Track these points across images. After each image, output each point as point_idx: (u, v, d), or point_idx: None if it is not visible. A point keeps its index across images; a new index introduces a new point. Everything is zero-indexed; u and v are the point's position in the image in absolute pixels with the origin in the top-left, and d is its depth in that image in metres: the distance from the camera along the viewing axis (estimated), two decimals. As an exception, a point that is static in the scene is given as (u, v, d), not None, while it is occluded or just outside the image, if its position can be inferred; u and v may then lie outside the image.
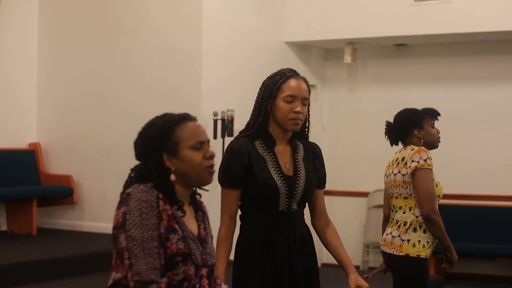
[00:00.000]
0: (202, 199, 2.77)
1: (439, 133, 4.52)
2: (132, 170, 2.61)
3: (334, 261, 4.11)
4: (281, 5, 9.36)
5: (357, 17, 9.01)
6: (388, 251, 4.37)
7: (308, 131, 3.61)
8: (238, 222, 3.50)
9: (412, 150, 4.36)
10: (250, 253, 3.36)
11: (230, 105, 8.22)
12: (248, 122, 3.48)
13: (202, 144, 2.60)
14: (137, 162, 2.64)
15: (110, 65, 8.73)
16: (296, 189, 3.40)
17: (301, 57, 9.64)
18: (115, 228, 2.49)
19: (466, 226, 8.87)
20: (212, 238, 2.72)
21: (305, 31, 9.32)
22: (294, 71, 3.50)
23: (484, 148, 9.09)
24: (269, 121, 3.43)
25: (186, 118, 2.65)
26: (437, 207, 4.36)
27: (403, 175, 4.35)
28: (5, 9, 8.76)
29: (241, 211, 3.49)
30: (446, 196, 4.73)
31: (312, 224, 3.61)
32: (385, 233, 4.45)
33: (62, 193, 8.62)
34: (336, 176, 9.92)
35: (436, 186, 4.37)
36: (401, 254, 4.31)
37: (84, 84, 8.87)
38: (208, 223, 2.73)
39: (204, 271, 2.58)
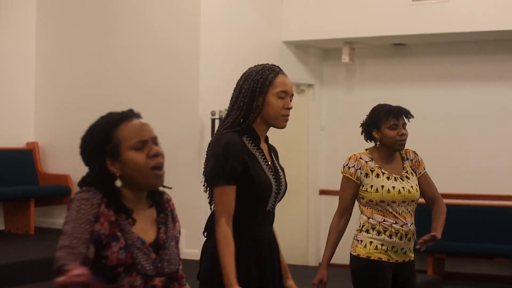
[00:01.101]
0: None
1: (402, 135, 4.28)
2: (81, 179, 2.47)
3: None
4: (279, 5, 9.36)
5: (355, 16, 9.01)
6: (350, 251, 4.39)
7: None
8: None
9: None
10: (239, 255, 3.19)
11: (228, 104, 8.22)
12: (234, 118, 3.31)
13: (144, 143, 2.42)
14: None
15: (109, 64, 8.73)
16: (281, 188, 3.31)
17: (299, 56, 9.64)
18: None
19: (464, 225, 8.87)
20: (177, 241, 2.56)
21: (303, 30, 9.32)
22: (279, 67, 3.40)
23: (482, 148, 9.09)
24: (258, 116, 3.31)
25: (126, 117, 2.47)
26: (394, 213, 4.24)
27: None
28: (3, 9, 8.76)
29: None
30: (444, 196, 4.70)
31: None
32: None
33: (60, 193, 8.61)
34: (334, 176, 9.88)
35: (376, 191, 4.23)
36: (354, 254, 4.32)
37: (82, 84, 8.87)
38: (175, 223, 2.57)
39: (158, 281, 2.42)
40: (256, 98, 3.28)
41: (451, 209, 8.67)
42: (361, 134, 4.49)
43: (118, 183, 2.43)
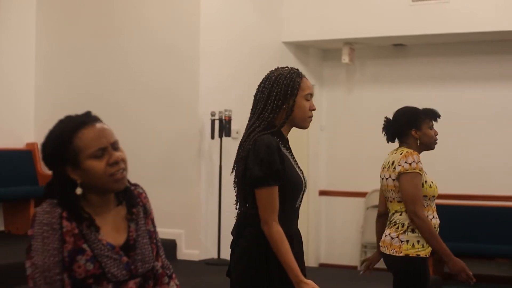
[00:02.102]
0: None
1: (437, 135, 4.50)
2: (45, 186, 2.44)
3: (332, 261, 4.12)
4: (279, 6, 9.36)
5: (355, 17, 9.01)
6: (388, 252, 4.37)
7: None
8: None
9: (401, 154, 4.37)
10: (271, 254, 3.28)
11: (228, 105, 8.22)
12: (267, 120, 3.38)
13: (104, 151, 2.35)
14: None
15: (108, 64, 8.73)
16: (306, 184, 3.47)
17: (299, 57, 9.64)
18: (26, 253, 2.37)
19: (464, 226, 8.87)
20: (151, 235, 2.49)
21: (303, 31, 9.32)
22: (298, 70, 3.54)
23: (482, 148, 9.10)
24: (289, 117, 3.44)
25: (84, 123, 2.39)
26: (433, 207, 4.38)
27: (393, 179, 4.37)
28: (3, 9, 8.75)
29: (254, 210, 3.35)
30: (444, 196, 4.73)
31: None
32: (384, 235, 4.45)
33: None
34: (334, 176, 9.94)
35: (430, 187, 4.35)
36: (400, 255, 4.31)
37: (81, 84, 8.87)
38: (148, 216, 2.51)
39: (132, 284, 2.39)
40: (288, 101, 3.40)
41: (451, 209, 8.75)
42: (385, 134, 4.50)
43: (78, 191, 2.38)
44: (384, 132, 4.54)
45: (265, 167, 3.26)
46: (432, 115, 4.50)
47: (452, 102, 9.15)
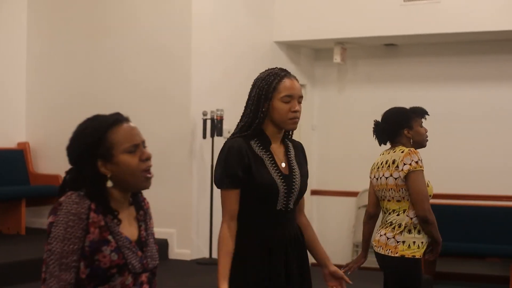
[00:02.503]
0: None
1: (427, 132, 4.54)
2: (66, 173, 2.51)
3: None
4: (271, 6, 9.36)
5: (347, 17, 9.02)
6: (383, 253, 4.37)
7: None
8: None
9: (402, 152, 4.35)
10: (246, 254, 3.32)
11: (220, 105, 8.23)
12: (242, 124, 3.42)
13: (137, 147, 2.49)
14: None
15: (100, 65, 8.72)
16: (293, 188, 3.40)
17: (291, 57, 9.65)
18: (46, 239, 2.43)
19: (455, 225, 8.89)
20: (153, 237, 2.64)
21: (294, 31, 9.33)
22: (286, 70, 3.49)
23: (474, 148, 9.12)
24: (264, 121, 3.42)
25: (118, 120, 2.51)
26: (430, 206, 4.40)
27: (395, 178, 4.34)
28: (-6, 8, 8.75)
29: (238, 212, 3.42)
30: (437, 196, 4.75)
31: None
32: (378, 234, 4.45)
33: (51, 193, 8.59)
34: (325, 176, 9.94)
35: (427, 186, 4.38)
36: (396, 255, 4.31)
37: (73, 84, 8.86)
38: (150, 220, 2.65)
39: (144, 277, 2.52)
40: (262, 104, 3.38)
41: (442, 209, 8.77)
42: (376, 137, 4.51)
43: (109, 184, 2.48)
44: (374, 136, 4.53)
45: (222, 169, 3.33)
46: (421, 113, 4.54)
47: (443, 101, 9.17)
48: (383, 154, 4.52)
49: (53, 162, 8.87)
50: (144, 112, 8.31)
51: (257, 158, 3.36)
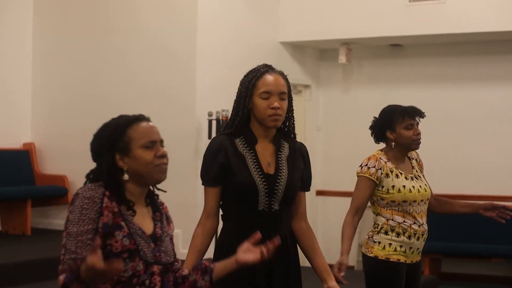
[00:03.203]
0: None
1: (417, 134, 4.35)
2: (89, 172, 2.66)
3: (329, 261, 4.11)
4: (276, 6, 9.36)
5: (352, 17, 9.01)
6: (363, 251, 4.37)
7: (293, 128, 3.51)
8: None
9: (368, 157, 4.37)
10: (226, 255, 3.19)
11: (225, 105, 8.21)
12: (227, 122, 3.44)
13: (154, 144, 2.63)
14: None
15: (105, 65, 8.73)
16: (276, 188, 3.32)
17: (296, 57, 9.65)
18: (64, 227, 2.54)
19: (460, 226, 8.87)
20: (171, 238, 2.73)
21: (299, 31, 9.32)
22: (269, 66, 3.46)
23: (479, 148, 9.10)
24: (250, 119, 3.38)
25: (138, 118, 2.68)
26: (411, 213, 4.27)
27: None
28: (0, 9, 8.76)
29: (222, 210, 3.44)
30: (441, 196, 4.72)
31: (291, 226, 3.50)
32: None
33: (57, 193, 8.61)
34: (330, 176, 9.94)
35: (399, 191, 4.24)
36: (371, 255, 4.29)
37: (78, 84, 8.87)
38: (168, 224, 2.75)
39: (156, 268, 2.60)
40: (243, 102, 3.36)
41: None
42: (372, 135, 4.46)
43: (126, 177, 2.60)
44: (371, 133, 4.52)
45: (202, 167, 3.38)
46: (409, 114, 4.34)
47: (449, 102, 9.16)
48: None
49: (59, 162, 8.88)
50: (149, 112, 8.24)
51: (239, 156, 3.31)
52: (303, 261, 3.55)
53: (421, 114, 4.42)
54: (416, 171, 4.40)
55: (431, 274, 8.48)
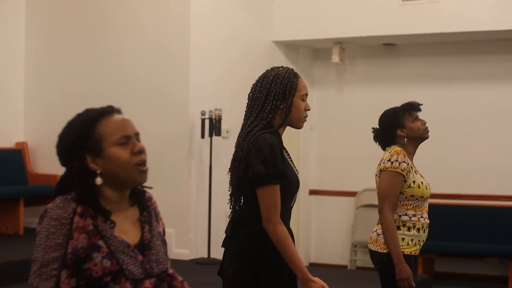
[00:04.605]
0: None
1: (425, 123, 4.47)
2: (60, 177, 2.36)
3: (322, 261, 4.11)
4: (270, 5, 9.36)
5: (345, 16, 9.02)
6: (373, 249, 4.37)
7: None
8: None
9: (390, 152, 4.38)
10: (272, 253, 3.26)
11: (218, 104, 8.22)
12: (266, 120, 3.35)
13: (128, 139, 2.30)
14: None
15: (98, 64, 8.72)
16: (299, 185, 3.45)
17: (290, 56, 9.65)
18: None
19: (454, 225, 8.89)
20: (163, 239, 2.44)
21: (293, 30, 9.32)
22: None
23: (473, 147, 9.11)
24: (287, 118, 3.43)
25: (107, 111, 2.33)
26: (424, 208, 4.37)
27: (377, 176, 4.40)
28: (-8, 8, 8.75)
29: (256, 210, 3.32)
30: (434, 196, 4.74)
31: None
32: (372, 231, 4.46)
33: (50, 193, 8.57)
34: (324, 175, 9.94)
35: (418, 187, 4.32)
36: (385, 251, 4.30)
37: (71, 83, 8.85)
38: (158, 221, 2.45)
39: (148, 283, 2.31)
40: (286, 101, 3.39)
41: (442, 209, 8.77)
42: (377, 143, 4.51)
43: (98, 181, 2.30)
44: (377, 142, 4.56)
45: (268, 165, 3.23)
46: (410, 108, 4.47)
47: (443, 101, 9.17)
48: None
49: (51, 161, 8.79)
50: (142, 111, 8.30)
51: (283, 155, 3.37)
52: (305, 260, 3.55)
53: (420, 108, 4.54)
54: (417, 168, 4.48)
55: (424, 273, 8.48)
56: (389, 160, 4.33)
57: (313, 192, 9.97)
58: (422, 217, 4.37)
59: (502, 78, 9.08)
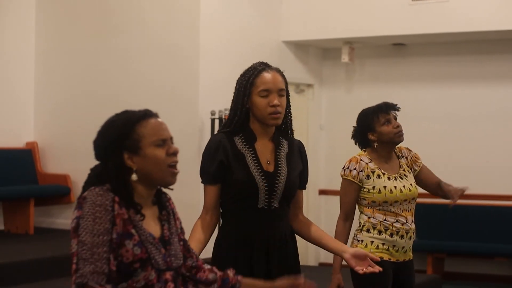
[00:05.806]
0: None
1: (397, 127, 4.33)
2: (91, 170, 2.53)
3: (332, 261, 4.09)
4: (279, 4, 9.35)
5: (355, 16, 9.01)
6: None
7: (291, 125, 3.48)
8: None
9: (350, 158, 4.38)
10: (225, 252, 3.33)
11: (228, 104, 8.14)
12: (227, 120, 3.42)
13: (165, 142, 2.51)
14: None
15: (108, 63, 8.73)
16: (276, 185, 3.32)
17: (299, 56, 9.64)
18: (71, 233, 2.40)
19: (463, 225, 8.87)
20: (179, 238, 2.62)
21: (302, 30, 9.32)
22: (266, 63, 3.47)
23: (482, 147, 9.09)
24: (249, 117, 3.38)
25: (147, 115, 2.56)
26: (393, 212, 4.30)
27: None
28: (2, 8, 8.76)
29: (221, 208, 3.43)
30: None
31: (291, 223, 3.50)
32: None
33: (60, 192, 8.61)
34: (333, 175, 9.90)
35: (379, 192, 4.26)
36: None
37: (81, 83, 8.87)
38: (176, 221, 2.63)
39: (168, 275, 2.48)
40: (241, 101, 3.36)
41: (451, 208, 8.75)
42: (356, 144, 4.50)
43: (134, 177, 2.48)
44: (356, 143, 4.55)
45: (201, 165, 3.37)
46: (382, 110, 4.39)
47: (452, 101, 9.16)
48: None
49: (62, 161, 8.88)
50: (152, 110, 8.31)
51: (238, 154, 3.31)
52: (304, 260, 3.54)
53: (395, 108, 4.44)
54: (404, 170, 4.40)
55: (434, 273, 8.47)
56: (343, 168, 4.34)
57: (322, 192, 9.96)
58: (397, 221, 4.28)
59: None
